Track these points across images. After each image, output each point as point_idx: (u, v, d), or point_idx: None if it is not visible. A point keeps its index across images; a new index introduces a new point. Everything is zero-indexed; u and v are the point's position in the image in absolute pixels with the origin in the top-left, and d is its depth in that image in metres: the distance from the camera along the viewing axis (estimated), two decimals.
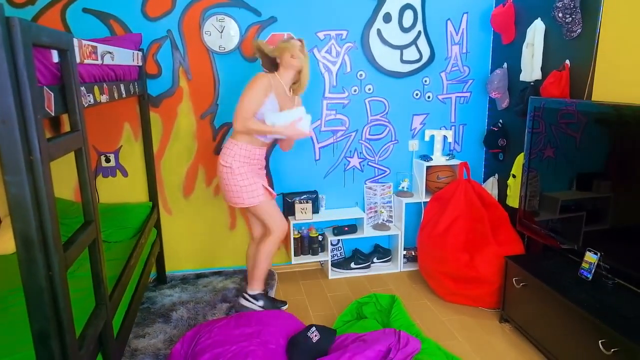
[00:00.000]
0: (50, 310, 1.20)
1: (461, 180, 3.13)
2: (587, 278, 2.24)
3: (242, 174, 2.57)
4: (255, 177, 2.62)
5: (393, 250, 3.57)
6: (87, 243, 1.51)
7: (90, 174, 1.53)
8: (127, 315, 2.12)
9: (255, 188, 2.59)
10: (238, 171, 2.56)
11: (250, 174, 2.60)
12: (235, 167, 2.56)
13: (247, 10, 3.05)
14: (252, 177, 2.59)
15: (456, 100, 3.48)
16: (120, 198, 3.18)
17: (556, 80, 2.57)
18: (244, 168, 2.58)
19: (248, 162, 2.60)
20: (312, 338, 2.18)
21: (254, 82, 2.51)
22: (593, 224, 2.31)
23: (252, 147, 2.61)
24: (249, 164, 2.61)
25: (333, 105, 3.32)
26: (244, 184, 2.58)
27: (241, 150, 2.58)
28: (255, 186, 2.59)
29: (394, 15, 3.23)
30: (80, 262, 2.16)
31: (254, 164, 2.64)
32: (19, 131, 1.07)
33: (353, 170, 3.47)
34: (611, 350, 1.86)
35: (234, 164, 2.56)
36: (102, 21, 2.91)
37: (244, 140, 2.59)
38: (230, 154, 2.58)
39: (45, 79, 1.31)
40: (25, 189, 1.10)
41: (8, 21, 1.03)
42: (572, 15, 2.49)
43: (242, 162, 2.58)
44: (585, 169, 2.34)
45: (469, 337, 2.60)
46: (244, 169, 2.58)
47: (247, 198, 2.59)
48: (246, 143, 2.59)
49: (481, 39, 3.38)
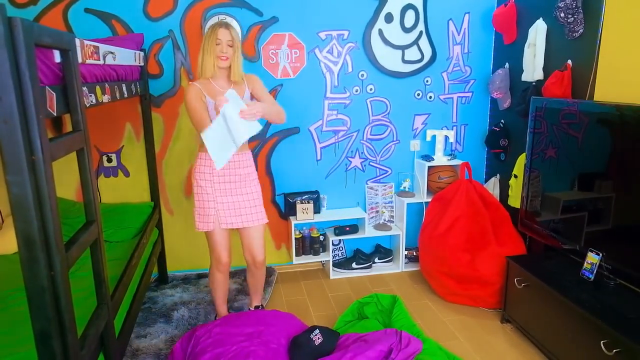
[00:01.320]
0: (52, 310, 1.20)
1: (463, 181, 3.13)
2: (589, 278, 2.24)
3: (198, 194, 2.31)
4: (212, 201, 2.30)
5: (394, 251, 3.57)
6: (88, 243, 1.51)
7: (92, 174, 1.53)
8: (129, 315, 2.12)
9: (207, 214, 2.31)
10: (196, 190, 2.32)
11: (208, 195, 2.29)
12: (195, 185, 2.33)
13: (248, 10, 3.05)
14: (207, 200, 2.30)
15: (458, 101, 3.47)
16: (122, 198, 3.19)
17: (558, 80, 2.57)
18: (203, 183, 2.30)
19: (211, 174, 2.30)
20: (314, 340, 2.17)
21: (184, 96, 2.28)
22: (595, 224, 2.30)
23: None
24: (212, 174, 2.30)
25: (334, 106, 3.32)
26: (197, 205, 2.34)
27: (202, 161, 2.30)
28: (207, 211, 2.31)
29: (395, 15, 3.23)
30: (81, 262, 2.15)
31: (219, 175, 2.31)
32: (21, 131, 1.07)
33: (354, 171, 3.47)
34: (613, 350, 1.86)
35: (194, 181, 2.34)
36: (104, 21, 2.91)
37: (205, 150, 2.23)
38: (194, 168, 2.36)
39: (48, 79, 1.31)
40: (27, 188, 1.10)
41: (10, 21, 1.03)
42: (574, 15, 2.48)
43: (202, 178, 2.30)
44: (587, 169, 2.34)
45: (470, 338, 2.59)
46: (202, 186, 2.30)
47: (196, 221, 2.35)
48: (207, 153, 2.23)
49: (483, 39, 3.38)
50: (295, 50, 3.16)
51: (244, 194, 2.36)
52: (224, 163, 2.13)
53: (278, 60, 3.15)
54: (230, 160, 2.25)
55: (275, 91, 3.21)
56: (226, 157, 2.13)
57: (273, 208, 3.41)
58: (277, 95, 3.21)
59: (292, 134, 3.30)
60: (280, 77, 3.18)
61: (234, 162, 2.31)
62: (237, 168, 2.33)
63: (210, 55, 2.22)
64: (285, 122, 2.55)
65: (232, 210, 2.33)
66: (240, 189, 2.35)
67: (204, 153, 2.27)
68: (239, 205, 2.35)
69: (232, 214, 2.34)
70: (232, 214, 2.34)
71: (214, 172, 2.28)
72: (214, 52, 2.22)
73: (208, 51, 2.22)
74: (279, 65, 3.16)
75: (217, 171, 2.28)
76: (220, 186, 2.31)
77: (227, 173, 2.31)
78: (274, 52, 3.14)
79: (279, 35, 3.11)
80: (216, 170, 2.27)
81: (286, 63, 3.17)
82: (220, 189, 2.31)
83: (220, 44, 2.21)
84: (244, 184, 2.37)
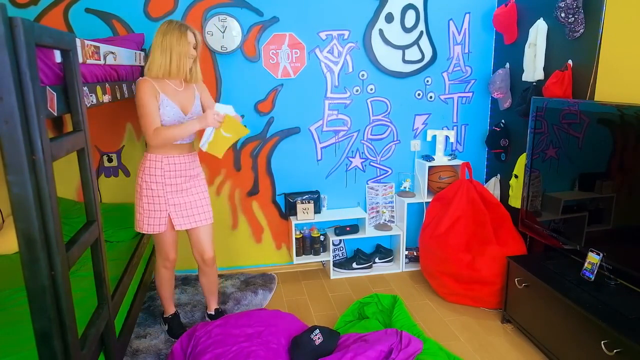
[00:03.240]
0: (53, 310, 1.21)
1: (463, 181, 3.13)
2: (590, 279, 2.23)
3: (148, 196, 2.26)
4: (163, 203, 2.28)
5: (395, 251, 3.57)
6: (89, 243, 1.51)
7: (93, 174, 1.54)
8: (129, 315, 2.13)
9: (158, 216, 2.28)
10: (145, 192, 2.26)
11: (160, 198, 2.27)
12: (144, 187, 2.26)
13: (249, 11, 3.05)
14: (159, 203, 2.27)
15: (458, 101, 3.47)
16: (123, 198, 3.19)
17: (559, 80, 2.56)
18: (154, 185, 2.25)
19: (162, 175, 2.26)
20: (315, 340, 2.17)
21: (137, 91, 2.19)
22: (595, 224, 2.30)
23: (166, 157, 2.26)
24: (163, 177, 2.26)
25: (335, 106, 3.32)
26: (146, 208, 2.28)
27: (152, 162, 2.25)
28: (158, 213, 2.28)
29: (396, 15, 3.23)
30: (82, 261, 2.16)
31: (171, 176, 2.28)
32: (22, 131, 1.07)
33: (355, 171, 3.47)
34: (613, 351, 1.86)
35: (143, 183, 2.26)
36: (105, 21, 2.91)
37: (155, 151, 2.25)
38: (141, 168, 2.29)
39: (48, 79, 1.31)
40: (28, 188, 1.11)
41: (11, 21, 1.03)
42: (574, 15, 2.48)
43: (154, 180, 2.25)
44: (588, 169, 2.33)
45: (470, 338, 2.59)
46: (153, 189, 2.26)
47: (144, 223, 2.30)
48: (157, 154, 2.25)
49: (483, 39, 3.38)
50: (295, 50, 3.16)
51: (194, 194, 2.37)
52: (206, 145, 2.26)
53: (278, 60, 3.15)
54: (178, 162, 2.29)
55: (275, 91, 3.21)
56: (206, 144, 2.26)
57: (273, 208, 3.41)
58: (278, 95, 3.21)
59: (293, 134, 3.30)
60: (281, 77, 3.18)
61: (183, 164, 2.31)
62: (187, 169, 2.33)
63: (184, 56, 2.21)
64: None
65: (183, 212, 2.34)
66: (190, 189, 2.36)
67: (154, 154, 2.25)
68: (190, 206, 2.35)
69: (183, 214, 2.34)
70: (183, 214, 2.34)
71: (165, 174, 2.26)
72: (187, 53, 2.22)
73: (181, 52, 2.19)
74: (280, 65, 3.16)
75: (169, 173, 2.27)
76: (171, 188, 2.29)
77: (178, 175, 2.30)
78: (275, 52, 3.14)
79: (279, 35, 3.11)
80: (167, 172, 2.26)
81: (287, 63, 3.17)
82: (172, 190, 2.29)
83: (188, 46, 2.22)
84: (193, 184, 2.38)
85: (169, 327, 2.62)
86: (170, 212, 2.31)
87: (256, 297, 3.00)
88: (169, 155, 2.26)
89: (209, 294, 2.66)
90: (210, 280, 2.60)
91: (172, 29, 2.18)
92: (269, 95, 3.21)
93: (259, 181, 3.34)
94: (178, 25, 2.19)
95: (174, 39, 2.17)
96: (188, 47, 2.21)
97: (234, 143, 2.43)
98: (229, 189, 3.31)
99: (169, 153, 2.26)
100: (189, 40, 2.20)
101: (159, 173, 2.26)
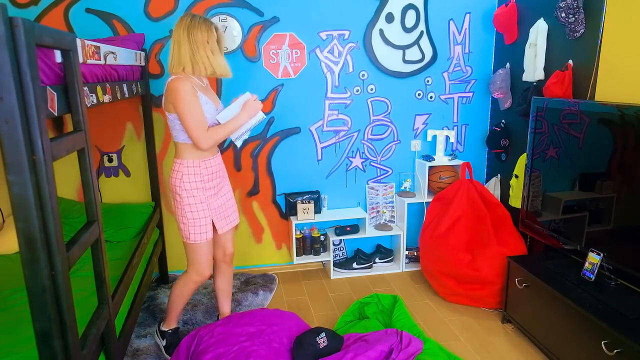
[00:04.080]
0: (53, 310, 1.21)
1: (463, 181, 3.13)
2: (590, 279, 2.23)
3: (191, 204, 2.17)
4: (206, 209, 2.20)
5: (395, 251, 3.57)
6: (89, 243, 1.51)
7: (93, 174, 1.54)
8: (130, 315, 2.12)
9: (204, 223, 2.20)
10: (187, 200, 2.17)
11: (202, 204, 2.19)
12: (185, 196, 2.16)
13: (249, 11, 3.05)
14: (203, 209, 2.19)
15: (459, 101, 3.47)
16: (123, 198, 3.19)
17: (559, 80, 2.56)
18: (196, 192, 2.17)
19: (202, 180, 2.18)
20: (320, 343, 2.17)
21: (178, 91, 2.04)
22: (596, 224, 2.30)
23: (202, 161, 2.19)
24: (203, 181, 2.19)
25: (335, 106, 3.32)
26: (190, 217, 2.18)
27: (190, 169, 2.16)
28: (203, 220, 2.20)
29: (396, 15, 3.23)
30: (82, 261, 2.17)
31: (209, 179, 2.22)
32: (22, 131, 1.07)
33: (355, 171, 3.47)
34: (614, 351, 1.85)
35: (182, 192, 2.16)
36: (105, 21, 2.91)
37: (192, 156, 2.16)
38: (177, 176, 2.17)
39: (49, 79, 1.31)
40: (28, 188, 1.11)
41: (11, 21, 1.03)
42: (575, 15, 2.48)
43: (194, 186, 2.17)
44: (588, 169, 2.33)
45: (470, 338, 2.59)
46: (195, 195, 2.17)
47: (191, 233, 2.20)
48: (194, 159, 2.17)
49: (484, 39, 3.38)
50: (296, 50, 3.16)
51: (226, 194, 2.35)
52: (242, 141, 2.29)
53: (279, 60, 3.15)
54: (214, 164, 2.24)
55: (275, 91, 3.21)
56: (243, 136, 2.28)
57: (274, 208, 3.41)
58: (278, 95, 3.21)
59: (293, 134, 3.30)
60: (281, 77, 3.18)
61: (217, 165, 2.27)
62: (220, 170, 2.30)
63: (221, 54, 2.18)
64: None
65: (222, 213, 2.29)
66: (223, 189, 2.33)
67: (191, 160, 2.16)
68: (225, 207, 2.32)
69: (223, 216, 2.30)
70: (223, 216, 2.30)
71: (204, 178, 2.19)
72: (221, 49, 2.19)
73: (217, 50, 2.16)
74: (280, 65, 3.16)
75: (208, 177, 2.20)
76: (210, 192, 2.23)
77: (215, 177, 2.24)
78: (275, 52, 3.14)
79: (279, 35, 3.11)
80: (207, 176, 2.19)
81: (287, 63, 3.17)
82: (212, 194, 2.24)
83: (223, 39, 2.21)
84: (224, 183, 2.36)
85: (167, 343, 2.43)
86: (213, 217, 2.24)
87: (257, 298, 3.00)
88: (204, 159, 2.18)
89: (226, 296, 2.55)
90: (227, 279, 2.52)
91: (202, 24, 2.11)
92: (270, 95, 3.21)
93: (259, 181, 3.34)
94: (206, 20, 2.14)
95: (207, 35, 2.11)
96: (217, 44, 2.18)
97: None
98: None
99: (204, 157, 2.18)
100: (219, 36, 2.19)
101: (198, 179, 2.17)
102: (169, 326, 2.44)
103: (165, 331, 2.44)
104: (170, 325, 2.45)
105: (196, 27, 2.09)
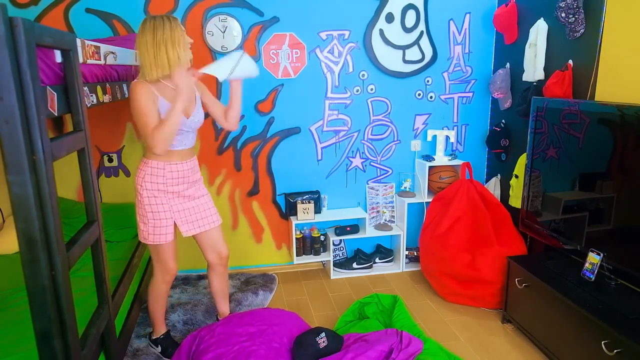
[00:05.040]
0: (53, 310, 1.21)
1: (463, 181, 3.13)
2: (590, 279, 2.23)
3: (152, 205, 2.09)
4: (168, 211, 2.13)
5: (395, 251, 3.57)
6: (89, 243, 1.51)
7: (93, 174, 1.54)
8: (129, 315, 2.13)
9: (164, 225, 2.12)
10: (147, 201, 2.09)
11: (164, 205, 2.11)
12: (145, 195, 2.09)
13: (249, 11, 3.05)
14: (164, 211, 2.12)
15: (459, 101, 3.47)
16: (123, 198, 3.19)
17: (559, 80, 2.56)
18: (157, 193, 2.10)
19: (164, 183, 2.10)
20: (320, 343, 2.17)
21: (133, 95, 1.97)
22: (596, 224, 2.30)
23: (168, 164, 2.09)
24: (165, 184, 2.10)
25: (335, 106, 3.32)
26: (150, 217, 2.11)
27: (153, 169, 2.08)
28: (164, 222, 2.12)
29: (396, 16, 3.23)
30: (82, 261, 2.16)
31: (174, 184, 2.13)
32: (22, 131, 1.07)
33: (355, 171, 3.47)
34: (614, 351, 1.85)
35: (143, 191, 2.09)
36: (105, 21, 2.91)
37: (157, 157, 2.06)
38: (140, 175, 2.11)
39: (49, 79, 1.31)
40: (29, 188, 1.11)
41: (11, 21, 1.03)
42: (575, 15, 2.48)
43: (156, 187, 2.09)
44: (588, 169, 2.33)
45: (470, 338, 2.59)
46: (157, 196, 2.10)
47: (149, 233, 2.13)
48: (159, 161, 2.08)
49: (484, 39, 3.38)
50: (296, 50, 3.15)
51: (197, 198, 2.26)
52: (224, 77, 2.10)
53: (279, 60, 3.15)
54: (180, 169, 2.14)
55: (276, 91, 3.21)
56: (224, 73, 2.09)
57: (274, 208, 3.41)
58: (278, 95, 3.21)
59: (293, 134, 3.30)
60: (281, 77, 3.18)
61: (185, 170, 2.16)
62: (189, 176, 2.19)
63: (183, 45, 2.00)
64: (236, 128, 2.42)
65: (188, 217, 2.22)
66: (193, 194, 2.24)
67: (155, 160, 2.08)
68: (195, 211, 2.24)
69: (190, 219, 2.23)
70: (190, 219, 2.23)
71: (167, 181, 2.11)
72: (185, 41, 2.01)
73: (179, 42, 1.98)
74: (280, 65, 3.16)
75: (171, 180, 2.12)
76: (173, 195, 2.15)
77: (180, 182, 2.15)
78: (275, 52, 3.14)
79: (279, 35, 3.11)
80: (170, 180, 2.11)
81: (287, 63, 3.17)
82: (175, 197, 2.16)
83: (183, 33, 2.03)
84: (196, 189, 2.26)
85: (163, 349, 2.40)
86: (176, 219, 2.17)
87: (257, 298, 3.00)
88: (170, 162, 2.10)
89: (223, 297, 2.52)
90: (223, 280, 2.49)
91: (160, 22, 1.96)
92: (270, 95, 3.21)
93: (259, 181, 3.34)
94: (164, 17, 1.98)
95: (166, 31, 1.95)
96: (183, 35, 2.00)
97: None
98: (229, 189, 3.31)
99: (170, 160, 2.10)
100: (181, 28, 2.00)
101: (160, 180, 2.10)
102: (158, 333, 2.42)
103: (157, 338, 2.42)
104: (159, 332, 2.42)
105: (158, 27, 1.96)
